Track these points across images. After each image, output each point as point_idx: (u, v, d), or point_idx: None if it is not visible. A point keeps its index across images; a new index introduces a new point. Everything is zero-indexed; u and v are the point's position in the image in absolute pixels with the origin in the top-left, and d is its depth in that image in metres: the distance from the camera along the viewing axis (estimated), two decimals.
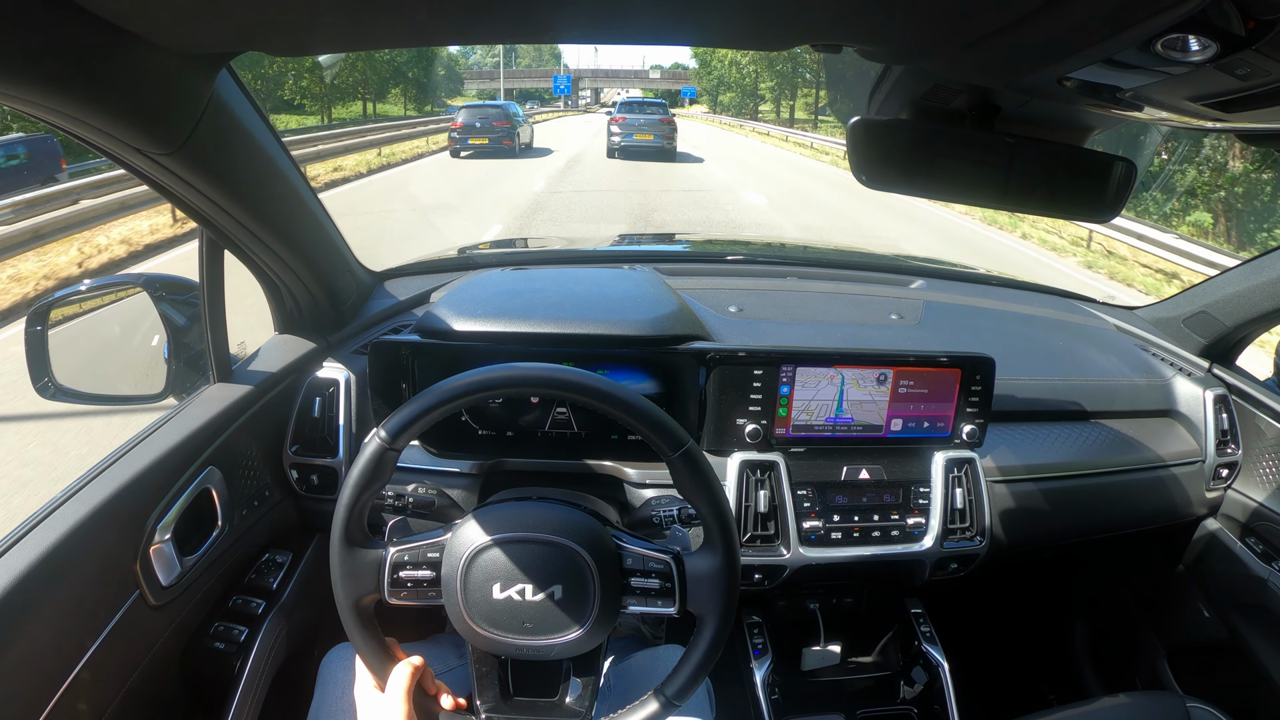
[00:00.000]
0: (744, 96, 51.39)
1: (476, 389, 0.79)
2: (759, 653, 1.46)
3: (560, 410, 1.23)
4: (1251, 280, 1.45)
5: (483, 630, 0.81)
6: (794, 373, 1.23)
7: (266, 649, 1.15)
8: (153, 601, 0.96)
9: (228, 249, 1.07)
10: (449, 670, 1.12)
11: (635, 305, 1.25)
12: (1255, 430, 1.52)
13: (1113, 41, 0.52)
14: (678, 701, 0.83)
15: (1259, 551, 1.46)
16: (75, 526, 0.85)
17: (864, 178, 0.81)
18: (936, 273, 1.94)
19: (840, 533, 1.25)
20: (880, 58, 0.74)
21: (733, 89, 52.53)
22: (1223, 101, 0.57)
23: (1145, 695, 1.36)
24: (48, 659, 0.82)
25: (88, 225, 8.48)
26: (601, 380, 0.81)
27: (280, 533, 1.26)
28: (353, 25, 0.67)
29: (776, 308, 1.54)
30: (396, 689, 0.81)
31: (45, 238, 7.86)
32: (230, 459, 1.11)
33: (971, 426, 1.28)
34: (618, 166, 16.55)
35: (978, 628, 1.87)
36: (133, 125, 0.74)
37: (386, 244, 7.95)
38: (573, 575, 0.80)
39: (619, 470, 1.26)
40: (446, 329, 1.17)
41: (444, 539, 0.83)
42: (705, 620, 0.83)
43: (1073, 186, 0.84)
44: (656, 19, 0.66)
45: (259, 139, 0.95)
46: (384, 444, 0.79)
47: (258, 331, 1.34)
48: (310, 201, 1.14)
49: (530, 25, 0.68)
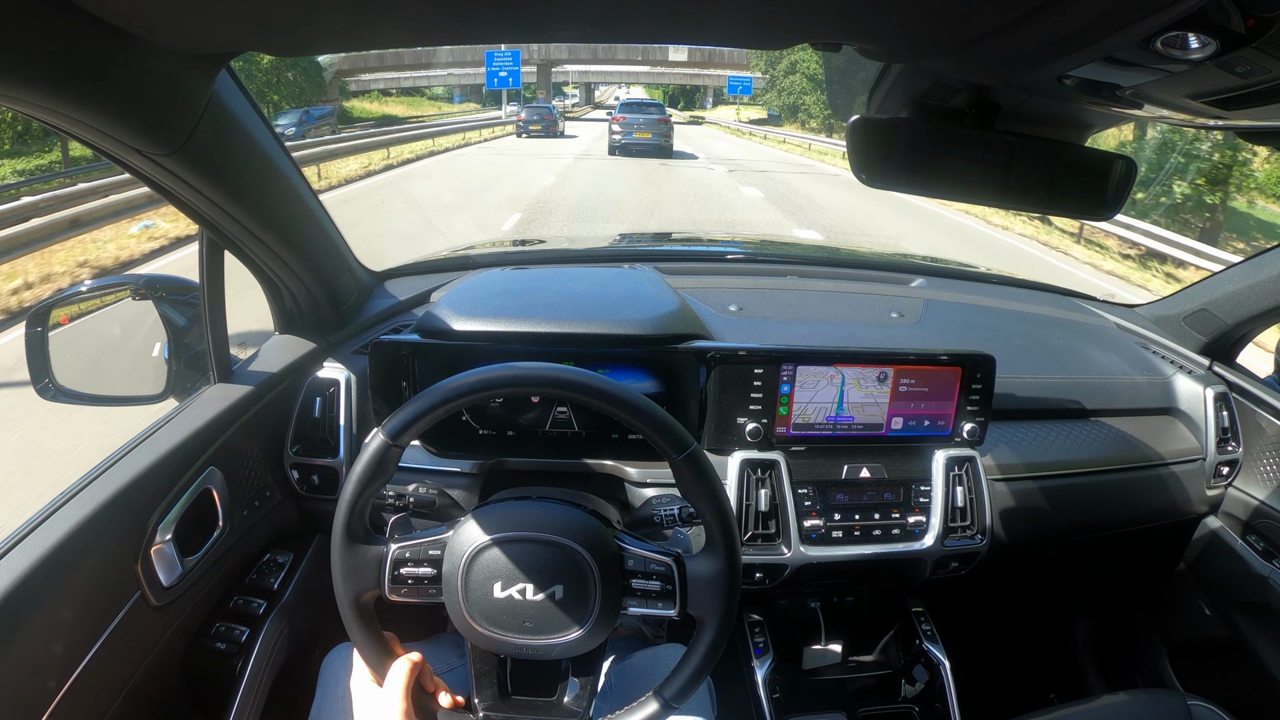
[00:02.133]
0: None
1: (479, 388, 0.79)
2: (760, 651, 1.46)
3: (561, 410, 1.23)
4: (1252, 278, 1.45)
5: (483, 629, 0.81)
6: (794, 371, 1.23)
7: (268, 649, 1.15)
8: (154, 602, 0.96)
9: (228, 249, 1.07)
10: (450, 670, 1.12)
11: (635, 304, 1.25)
12: (1256, 428, 1.52)
13: (1112, 39, 0.51)
14: (677, 703, 0.83)
15: (1260, 549, 1.46)
16: (76, 527, 0.85)
17: (864, 176, 0.81)
18: (937, 271, 1.94)
19: (841, 531, 1.25)
20: (879, 56, 0.74)
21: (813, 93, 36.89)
22: (1223, 99, 0.57)
23: (1147, 693, 1.36)
24: (49, 659, 0.82)
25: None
26: (605, 380, 0.81)
27: (281, 533, 1.26)
28: (352, 25, 0.67)
29: (777, 306, 1.54)
30: (395, 685, 0.81)
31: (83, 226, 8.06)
32: (231, 459, 1.11)
33: (972, 425, 1.28)
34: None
35: (979, 626, 1.87)
36: (132, 126, 0.74)
37: (389, 242, 8.00)
38: (574, 575, 0.80)
39: (620, 469, 1.26)
40: (447, 329, 1.17)
41: (446, 536, 0.83)
42: (706, 623, 0.83)
43: (1073, 184, 0.84)
44: (656, 17, 0.65)
45: (259, 139, 0.95)
46: (387, 441, 0.79)
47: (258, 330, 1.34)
48: (310, 201, 1.14)
49: (529, 24, 0.68)
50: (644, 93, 54.78)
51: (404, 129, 23.21)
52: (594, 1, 0.62)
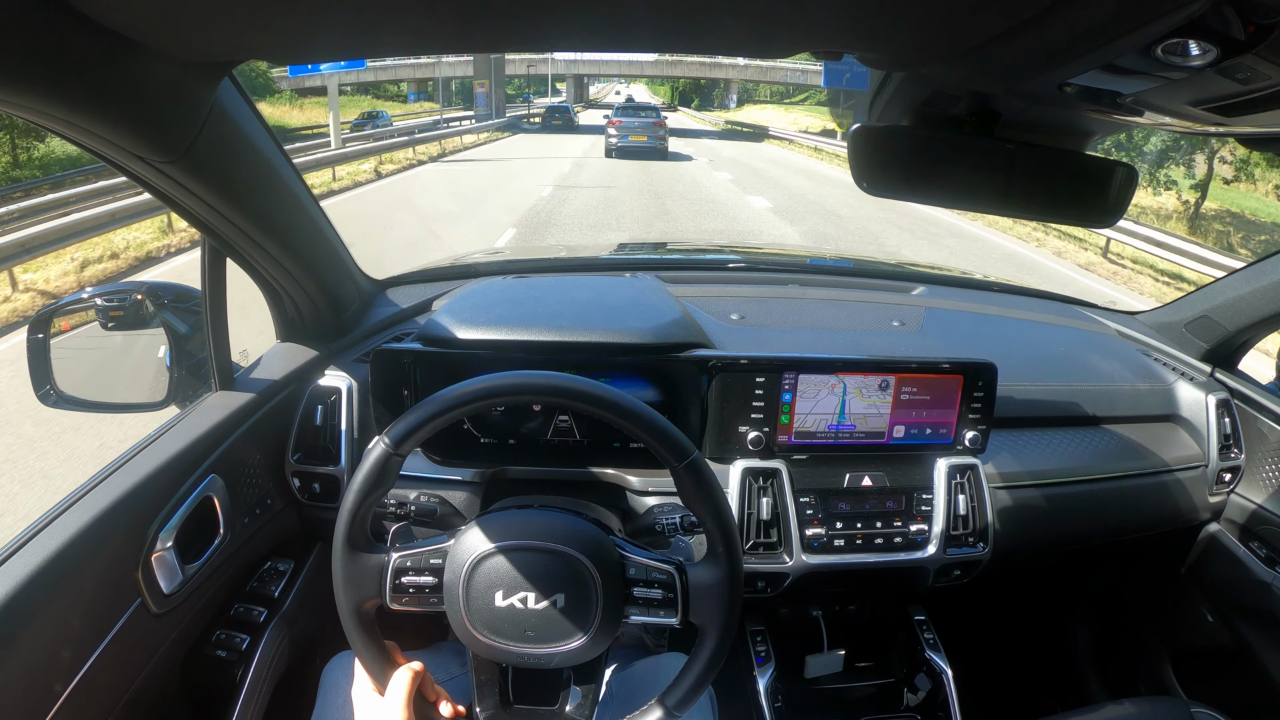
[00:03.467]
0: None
1: (481, 396, 0.79)
2: (762, 660, 1.45)
3: (563, 418, 1.23)
4: (1253, 284, 1.45)
5: (484, 638, 0.81)
6: (796, 380, 1.22)
7: (268, 657, 1.14)
8: (154, 609, 0.95)
9: (230, 257, 1.08)
10: (451, 679, 1.12)
11: (637, 313, 1.25)
12: (1258, 434, 1.52)
13: (1112, 47, 0.52)
14: (679, 711, 0.83)
15: (1262, 556, 1.46)
16: (77, 534, 0.85)
17: (865, 185, 0.81)
18: (938, 279, 1.95)
19: (843, 540, 1.25)
20: (880, 64, 0.74)
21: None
22: (1223, 106, 0.57)
23: (1149, 701, 1.36)
24: (49, 666, 0.81)
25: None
26: (606, 389, 0.81)
27: (282, 541, 1.26)
28: (354, 34, 0.67)
29: (778, 315, 1.54)
30: (396, 694, 0.81)
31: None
32: (232, 467, 1.11)
33: (974, 433, 1.27)
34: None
35: (981, 634, 1.87)
36: (135, 133, 0.74)
37: (390, 251, 7.97)
38: (575, 584, 0.80)
39: (621, 478, 1.25)
40: (448, 337, 1.17)
41: (447, 545, 0.82)
42: (708, 631, 0.83)
43: (1074, 191, 0.84)
44: (657, 27, 0.66)
45: (261, 147, 0.96)
46: (388, 449, 0.79)
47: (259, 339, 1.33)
48: (312, 209, 1.14)
49: (529, 33, 0.68)
50: (647, 91, 51.08)
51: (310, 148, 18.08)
52: (595, 10, 0.62)
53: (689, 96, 59.86)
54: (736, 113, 39.34)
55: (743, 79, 42.48)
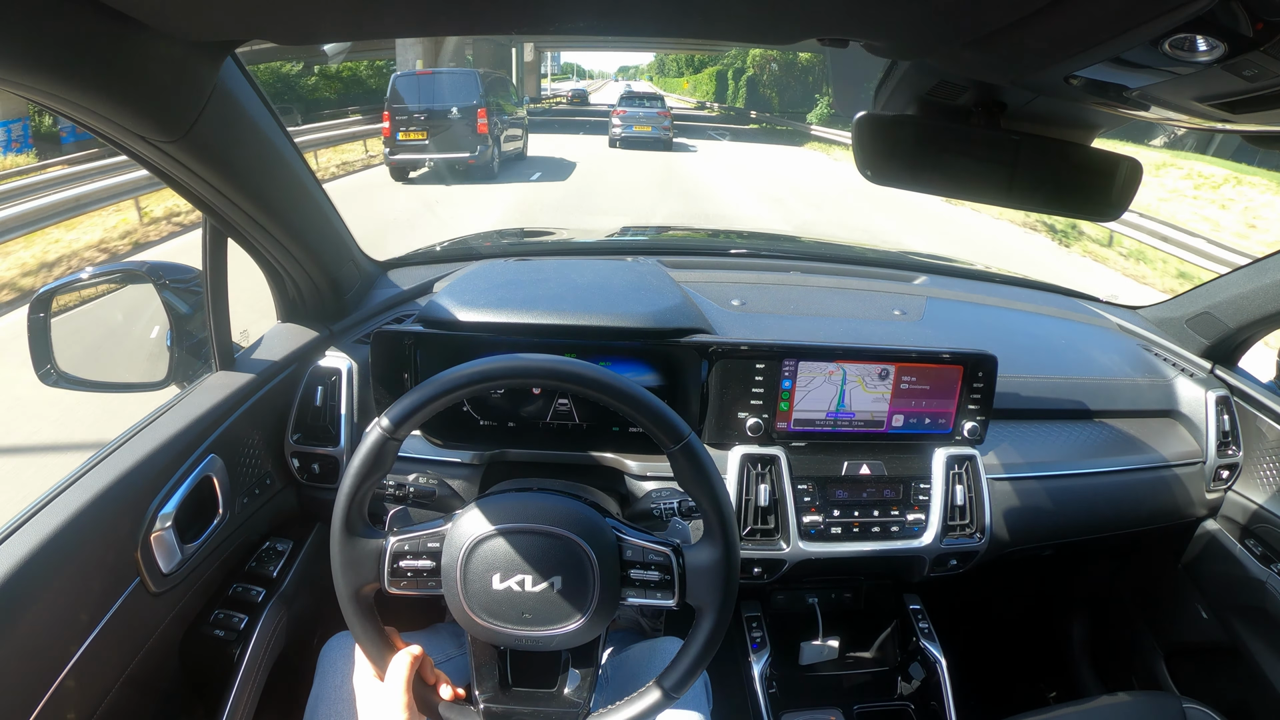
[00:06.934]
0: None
1: (479, 379, 0.80)
2: (757, 646, 1.46)
3: (562, 401, 1.23)
4: (1255, 282, 1.45)
5: (482, 620, 0.81)
6: (796, 367, 1.23)
7: (266, 637, 1.15)
8: (153, 589, 0.96)
9: (231, 237, 1.08)
10: (448, 660, 1.13)
11: (638, 297, 1.25)
12: (1256, 432, 1.52)
13: (1120, 40, 0.51)
14: (676, 693, 0.83)
15: (1258, 553, 1.46)
16: (77, 513, 0.86)
17: (869, 173, 0.81)
18: (940, 269, 1.94)
19: (840, 528, 1.26)
20: (886, 53, 0.74)
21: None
22: (1230, 102, 0.57)
23: (1142, 695, 1.37)
24: (48, 645, 0.82)
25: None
26: (603, 372, 0.81)
27: (281, 521, 1.27)
28: (357, 14, 0.66)
29: (779, 302, 1.54)
30: (396, 678, 0.82)
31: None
32: (232, 447, 1.11)
33: (973, 423, 1.28)
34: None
35: (976, 625, 1.88)
36: (137, 113, 0.74)
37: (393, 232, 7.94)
38: (573, 566, 0.81)
39: (620, 462, 1.26)
40: (449, 319, 1.17)
41: (444, 529, 0.83)
42: (704, 612, 0.83)
43: (1078, 184, 0.84)
44: (662, 13, 0.65)
45: (263, 127, 0.95)
46: (386, 433, 0.79)
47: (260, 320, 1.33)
48: (314, 190, 1.14)
49: (533, 17, 0.68)
50: (653, 88, 50.09)
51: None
52: None
53: (763, 95, 33.71)
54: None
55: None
